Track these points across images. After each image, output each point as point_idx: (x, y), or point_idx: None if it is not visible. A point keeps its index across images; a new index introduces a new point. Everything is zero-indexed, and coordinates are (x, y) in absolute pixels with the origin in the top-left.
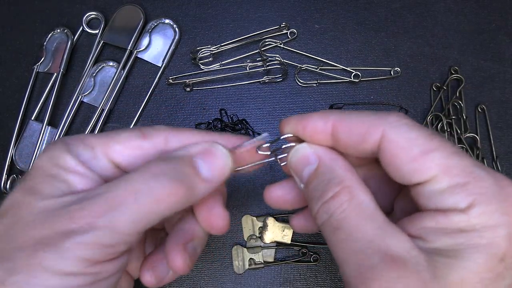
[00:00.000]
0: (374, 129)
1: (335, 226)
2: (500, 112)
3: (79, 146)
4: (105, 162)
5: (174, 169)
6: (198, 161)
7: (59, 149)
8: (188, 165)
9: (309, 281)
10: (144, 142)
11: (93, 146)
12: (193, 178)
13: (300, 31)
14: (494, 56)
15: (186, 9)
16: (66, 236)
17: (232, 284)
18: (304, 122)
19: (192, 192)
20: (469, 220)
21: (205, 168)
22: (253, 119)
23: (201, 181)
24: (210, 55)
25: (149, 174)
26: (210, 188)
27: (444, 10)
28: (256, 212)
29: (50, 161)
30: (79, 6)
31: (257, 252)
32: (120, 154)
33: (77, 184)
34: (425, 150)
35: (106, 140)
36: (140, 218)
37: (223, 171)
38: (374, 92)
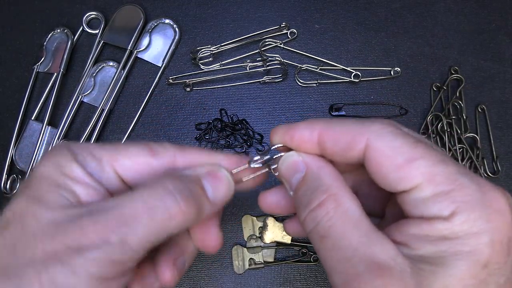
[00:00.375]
0: (359, 138)
1: (321, 234)
2: (500, 112)
3: (87, 157)
4: (111, 176)
5: (187, 188)
6: (205, 183)
7: (65, 157)
8: (198, 185)
9: (309, 281)
10: (153, 159)
11: (101, 158)
12: (202, 198)
13: (300, 31)
14: (494, 56)
15: (186, 9)
16: (77, 252)
17: (232, 284)
18: (291, 132)
19: (201, 212)
20: (452, 228)
21: (211, 190)
22: (253, 119)
23: (208, 202)
24: (210, 55)
25: (163, 190)
26: (213, 210)
27: (444, 10)
28: (256, 212)
29: (56, 170)
30: (79, 6)
31: (257, 252)
32: (128, 170)
33: (84, 195)
34: (410, 159)
35: (114, 153)
36: (153, 235)
37: (226, 194)
38: (374, 92)
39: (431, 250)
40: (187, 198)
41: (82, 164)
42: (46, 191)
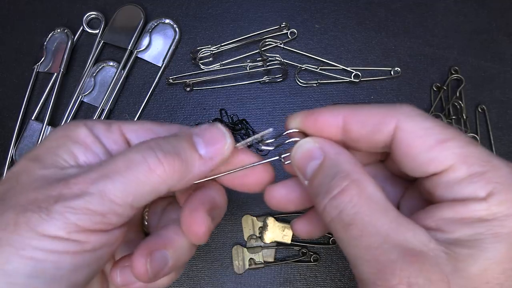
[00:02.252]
0: (388, 119)
1: (346, 221)
2: (500, 112)
3: (97, 123)
4: (117, 136)
5: (171, 143)
6: (196, 138)
7: (76, 124)
8: (186, 141)
9: (309, 281)
10: (159, 128)
11: (110, 123)
12: (190, 153)
13: (300, 31)
14: (494, 56)
15: (186, 9)
16: (56, 200)
17: (232, 284)
18: (314, 116)
19: (188, 168)
20: (490, 209)
21: (203, 145)
22: (253, 119)
23: (198, 157)
24: (210, 55)
25: (145, 146)
26: (207, 167)
27: (444, 10)
28: (256, 212)
29: (62, 132)
30: (80, 6)
31: (257, 252)
32: (134, 132)
33: (82, 157)
34: (441, 140)
35: (125, 122)
36: (132, 188)
37: (221, 151)
38: (374, 92)
39: (467, 233)
40: (167, 152)
41: (91, 128)
42: (45, 152)
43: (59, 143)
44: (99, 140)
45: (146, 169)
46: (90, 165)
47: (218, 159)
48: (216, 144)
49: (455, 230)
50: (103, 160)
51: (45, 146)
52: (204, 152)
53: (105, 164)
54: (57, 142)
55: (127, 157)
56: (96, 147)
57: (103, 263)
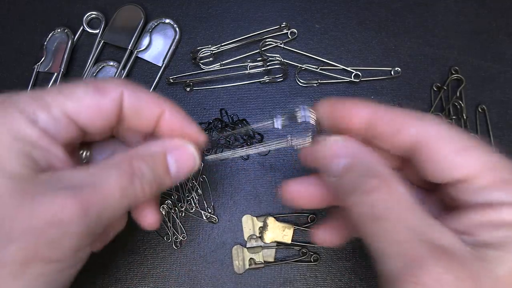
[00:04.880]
0: (414, 121)
1: (377, 216)
2: (500, 112)
3: (36, 109)
4: (64, 123)
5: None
6: (170, 159)
7: (15, 117)
8: (162, 164)
9: (309, 281)
10: (102, 99)
11: (49, 106)
12: (164, 176)
13: (300, 31)
14: (494, 56)
15: (186, 9)
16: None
17: (232, 284)
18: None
19: (161, 188)
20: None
21: (175, 167)
22: (253, 119)
23: (169, 178)
24: (210, 55)
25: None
26: (174, 182)
27: (444, 10)
28: (256, 212)
29: (9, 133)
30: (80, 6)
31: (257, 252)
32: (79, 113)
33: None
34: (467, 146)
35: (62, 98)
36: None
37: (188, 171)
38: (374, 92)
39: (495, 236)
40: (151, 183)
41: (34, 121)
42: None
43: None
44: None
45: (133, 197)
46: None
47: (184, 177)
48: (187, 166)
49: (483, 233)
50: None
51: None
52: (175, 172)
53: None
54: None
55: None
56: (52, 147)
57: None
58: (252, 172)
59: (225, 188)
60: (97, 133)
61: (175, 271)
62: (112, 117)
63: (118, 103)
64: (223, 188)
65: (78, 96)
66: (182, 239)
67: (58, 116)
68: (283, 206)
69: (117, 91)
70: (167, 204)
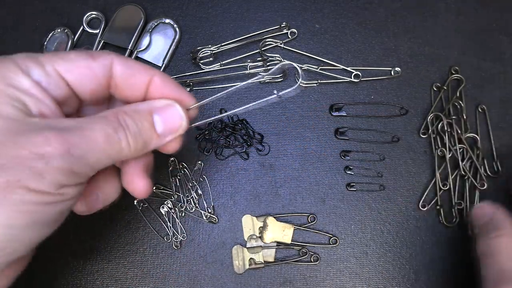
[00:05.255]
0: None
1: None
2: (500, 112)
3: (30, 64)
4: (56, 80)
5: (136, 123)
6: (156, 117)
7: (11, 69)
8: (147, 121)
9: (309, 281)
10: (92, 61)
11: (43, 64)
12: (150, 133)
13: (300, 31)
14: (494, 56)
15: (186, 9)
16: (43, 159)
17: (232, 284)
18: None
19: (146, 145)
20: None
21: (161, 125)
22: (253, 119)
23: (156, 136)
24: (210, 55)
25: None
26: (161, 143)
27: (444, 10)
28: (256, 212)
29: (3, 82)
30: (80, 6)
31: (257, 252)
32: (70, 72)
33: (33, 107)
34: None
35: (56, 58)
36: (105, 158)
37: (174, 131)
38: (374, 92)
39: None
40: (134, 134)
41: (28, 73)
42: None
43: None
44: (43, 89)
45: (118, 148)
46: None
47: (172, 137)
48: (173, 125)
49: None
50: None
51: None
52: (161, 131)
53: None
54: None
55: (103, 129)
56: (44, 97)
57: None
58: (252, 172)
59: (225, 188)
60: (90, 96)
61: (175, 271)
62: (103, 81)
63: (108, 68)
64: (223, 188)
65: (70, 57)
66: (182, 239)
67: (50, 72)
68: (283, 206)
69: (108, 58)
70: (167, 204)
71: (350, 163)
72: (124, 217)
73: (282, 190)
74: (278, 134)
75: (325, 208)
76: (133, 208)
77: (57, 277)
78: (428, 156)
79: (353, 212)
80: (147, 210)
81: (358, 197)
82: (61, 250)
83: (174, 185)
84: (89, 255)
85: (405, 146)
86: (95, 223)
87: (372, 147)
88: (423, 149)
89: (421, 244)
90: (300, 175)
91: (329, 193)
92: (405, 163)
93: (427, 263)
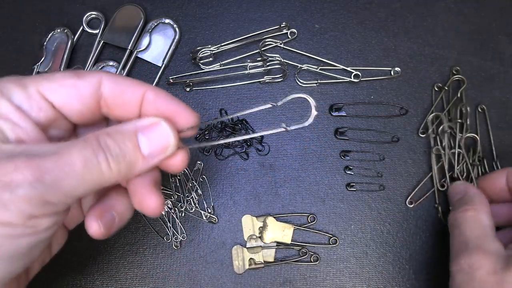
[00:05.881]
0: None
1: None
2: (500, 112)
3: (12, 87)
4: (39, 102)
5: (118, 145)
6: (141, 137)
7: None
8: (131, 142)
9: (309, 281)
10: (79, 81)
11: (26, 85)
12: (135, 155)
13: (300, 31)
14: (494, 56)
15: (186, 9)
16: (8, 187)
17: (232, 284)
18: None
19: (131, 169)
20: None
21: (147, 146)
22: (253, 119)
23: (142, 158)
24: (210, 55)
25: (97, 145)
26: (148, 165)
27: (444, 10)
28: (256, 212)
29: None
30: (79, 6)
31: (257, 252)
32: (55, 92)
33: (9, 132)
34: None
35: (40, 79)
36: (85, 185)
37: (161, 150)
38: (374, 92)
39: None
40: (116, 156)
41: (7, 96)
42: None
43: None
44: (23, 113)
45: (98, 172)
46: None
47: (160, 158)
48: (160, 145)
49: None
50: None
51: None
52: (148, 153)
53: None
54: None
55: (81, 153)
56: (23, 122)
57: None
58: (252, 172)
59: (225, 188)
60: (79, 117)
61: (175, 271)
62: (90, 101)
63: (96, 87)
64: (223, 188)
65: (55, 77)
66: (182, 239)
67: (32, 94)
68: (283, 206)
69: (96, 76)
70: (167, 204)
71: (350, 163)
72: None
73: (282, 190)
74: (278, 134)
75: (325, 208)
76: None
77: (57, 277)
78: (428, 156)
79: (353, 212)
80: None
81: (358, 197)
82: (61, 250)
83: (174, 185)
84: (89, 255)
85: (405, 146)
86: None
87: (372, 147)
88: (423, 149)
89: (421, 244)
90: (300, 175)
91: (329, 193)
92: (405, 163)
93: (427, 263)
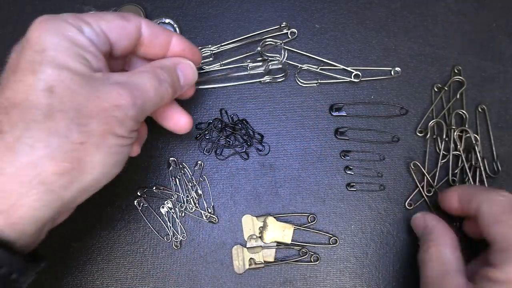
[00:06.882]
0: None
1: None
2: (500, 112)
3: (80, 23)
4: (103, 38)
5: (171, 77)
6: (179, 72)
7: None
8: (176, 75)
9: (309, 281)
10: (127, 23)
11: (89, 22)
12: (178, 84)
13: (300, 31)
14: (494, 56)
15: (186, 9)
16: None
17: (232, 284)
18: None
19: (176, 93)
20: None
21: (183, 78)
22: (253, 119)
23: (180, 86)
24: (210, 55)
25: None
26: (182, 92)
27: (444, 10)
28: (256, 212)
29: (66, 40)
30: (79, 6)
31: (257, 252)
32: (110, 31)
33: (94, 63)
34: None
35: (97, 18)
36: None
37: (191, 82)
38: (374, 92)
39: None
40: (172, 85)
41: (82, 31)
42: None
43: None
44: (95, 44)
45: (161, 97)
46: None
47: (188, 87)
48: (189, 77)
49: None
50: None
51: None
52: (182, 82)
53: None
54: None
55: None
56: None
57: None
58: (252, 172)
59: (225, 188)
60: (121, 53)
61: (175, 271)
62: (134, 40)
63: (139, 29)
64: (223, 188)
65: (108, 18)
66: (182, 239)
67: (98, 31)
68: (283, 206)
69: (138, 20)
70: (167, 204)
71: (350, 163)
72: (124, 217)
73: (282, 190)
74: (278, 134)
75: (325, 208)
76: (133, 208)
77: (57, 277)
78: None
79: (353, 212)
80: (147, 210)
81: (358, 197)
82: (61, 250)
83: (174, 185)
84: (89, 255)
85: (405, 146)
86: (95, 223)
87: (372, 147)
88: (423, 149)
89: None
90: (300, 175)
91: (329, 193)
92: (405, 163)
93: None
